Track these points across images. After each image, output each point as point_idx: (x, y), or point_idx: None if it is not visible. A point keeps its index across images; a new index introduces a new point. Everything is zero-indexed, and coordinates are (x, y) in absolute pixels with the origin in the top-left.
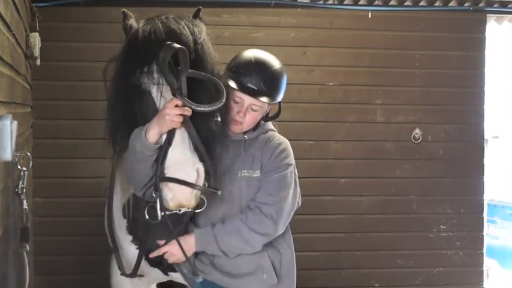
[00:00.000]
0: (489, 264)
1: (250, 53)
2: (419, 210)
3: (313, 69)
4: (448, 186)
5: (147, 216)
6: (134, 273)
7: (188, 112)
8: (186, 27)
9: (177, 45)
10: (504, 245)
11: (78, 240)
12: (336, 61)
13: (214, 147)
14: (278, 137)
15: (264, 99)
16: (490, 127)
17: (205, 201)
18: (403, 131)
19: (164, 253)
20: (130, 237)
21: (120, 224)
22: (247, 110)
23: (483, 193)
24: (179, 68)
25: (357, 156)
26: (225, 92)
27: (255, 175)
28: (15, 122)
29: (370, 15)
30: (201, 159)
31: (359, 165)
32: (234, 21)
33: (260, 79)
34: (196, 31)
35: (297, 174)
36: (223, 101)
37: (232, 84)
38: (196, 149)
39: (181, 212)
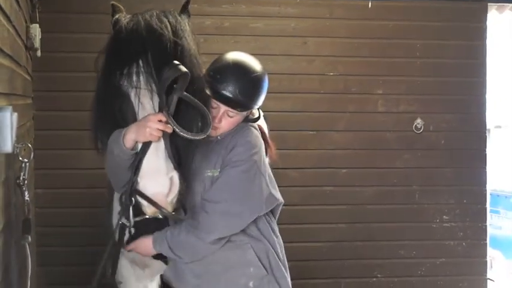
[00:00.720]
0: (493, 254)
1: (230, 57)
2: (422, 200)
3: (314, 59)
4: (450, 177)
5: (120, 222)
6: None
7: (169, 130)
8: (168, 27)
9: (183, 69)
10: (508, 235)
11: (80, 231)
12: (336, 51)
13: (191, 156)
14: (247, 131)
15: (239, 109)
16: (492, 117)
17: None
18: (404, 121)
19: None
20: (132, 230)
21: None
22: (223, 115)
23: (486, 183)
24: (175, 86)
25: (357, 146)
26: (211, 125)
27: (216, 174)
28: (16, 114)
29: (370, 5)
30: (176, 168)
31: (360, 156)
32: (234, 11)
33: (236, 87)
34: (180, 30)
35: (264, 169)
36: (208, 133)
37: (207, 91)
38: (172, 158)
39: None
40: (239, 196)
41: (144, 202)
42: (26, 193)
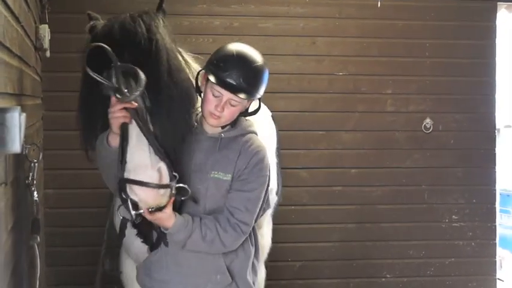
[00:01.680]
0: (502, 254)
1: (233, 47)
2: (431, 200)
3: (323, 59)
4: (459, 176)
5: (121, 217)
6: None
7: (130, 105)
8: (141, 24)
9: (94, 44)
10: None
11: (89, 231)
12: (346, 51)
13: (180, 145)
14: (257, 143)
15: (243, 95)
16: (502, 116)
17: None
18: (413, 120)
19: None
20: (135, 231)
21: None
22: (226, 104)
23: (495, 183)
24: (112, 65)
25: (367, 146)
26: (143, 81)
27: (225, 178)
28: (24, 114)
29: (379, 4)
30: (163, 159)
31: (369, 156)
32: (243, 11)
33: (240, 75)
34: (153, 26)
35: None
36: (141, 89)
37: (211, 78)
38: (157, 149)
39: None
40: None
41: (135, 198)
42: (35, 193)
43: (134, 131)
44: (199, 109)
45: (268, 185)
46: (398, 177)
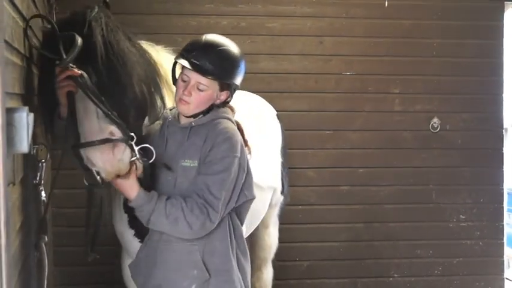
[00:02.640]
0: (510, 253)
1: (205, 35)
2: (438, 199)
3: (330, 59)
4: (467, 176)
5: (86, 183)
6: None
7: (73, 72)
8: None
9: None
10: None
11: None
12: (353, 50)
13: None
14: (225, 125)
15: (208, 76)
16: (510, 116)
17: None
18: (421, 120)
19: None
20: (132, 231)
21: (122, 218)
22: (193, 88)
23: (503, 182)
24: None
25: (374, 145)
26: (79, 43)
27: (192, 165)
28: (32, 114)
29: (386, 4)
30: (114, 122)
31: (377, 155)
32: (250, 11)
33: (204, 55)
34: (96, 26)
35: (244, 164)
36: (75, 50)
37: (178, 60)
38: (106, 113)
39: None
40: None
41: (94, 167)
42: (43, 193)
43: (81, 100)
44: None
45: (241, 170)
46: (406, 176)
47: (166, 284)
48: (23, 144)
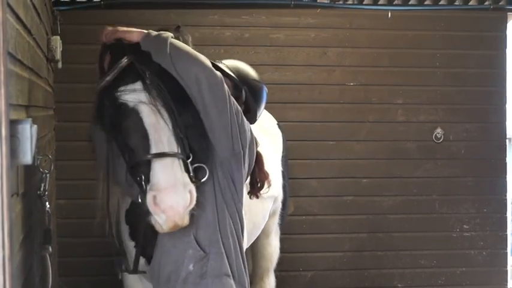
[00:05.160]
0: None
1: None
2: (442, 210)
3: (334, 70)
4: (470, 186)
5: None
6: (135, 270)
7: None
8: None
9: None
10: None
11: (102, 241)
12: (357, 61)
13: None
14: None
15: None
16: None
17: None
18: (424, 130)
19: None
20: (133, 243)
21: (124, 230)
22: None
23: (506, 192)
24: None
25: (378, 156)
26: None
27: None
28: (36, 126)
29: (390, 15)
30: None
31: (380, 165)
32: (254, 22)
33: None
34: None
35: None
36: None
37: None
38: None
39: None
40: None
41: (162, 216)
42: (47, 204)
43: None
44: None
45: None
46: (409, 187)
47: (176, 267)
48: (27, 156)
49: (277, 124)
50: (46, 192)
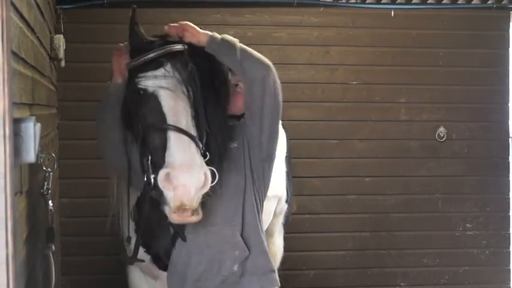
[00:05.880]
0: None
1: None
2: (445, 208)
3: (337, 68)
4: (473, 185)
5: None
6: (134, 258)
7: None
8: None
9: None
10: None
11: (105, 240)
12: (359, 60)
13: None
14: None
15: None
16: None
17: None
18: (427, 129)
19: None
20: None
21: (129, 226)
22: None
23: (509, 191)
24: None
25: (381, 155)
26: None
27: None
28: (39, 124)
29: (393, 14)
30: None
31: (383, 164)
32: (257, 21)
33: None
34: None
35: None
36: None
37: None
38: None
39: None
40: None
41: (170, 193)
42: (50, 202)
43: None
44: None
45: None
46: (412, 185)
47: (211, 266)
48: (30, 154)
49: (281, 124)
50: (49, 191)
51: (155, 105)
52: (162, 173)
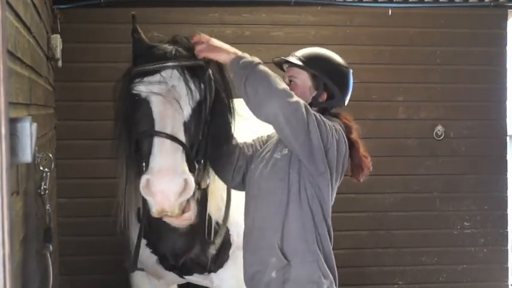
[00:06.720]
0: None
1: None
2: (443, 207)
3: None
4: (471, 183)
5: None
6: (134, 266)
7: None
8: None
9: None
10: None
11: (103, 240)
12: (357, 58)
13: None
14: None
15: (295, 66)
16: None
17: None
18: (425, 127)
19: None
20: (144, 241)
21: (135, 228)
22: (288, 83)
23: (507, 189)
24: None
25: (379, 153)
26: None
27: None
28: (35, 124)
29: (390, 12)
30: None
31: (381, 163)
32: (255, 20)
33: (300, 53)
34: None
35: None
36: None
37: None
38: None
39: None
40: None
41: (151, 200)
42: (47, 202)
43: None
44: None
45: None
46: (410, 184)
47: (260, 268)
48: (26, 154)
49: None
50: (46, 191)
51: (146, 110)
52: (143, 179)
